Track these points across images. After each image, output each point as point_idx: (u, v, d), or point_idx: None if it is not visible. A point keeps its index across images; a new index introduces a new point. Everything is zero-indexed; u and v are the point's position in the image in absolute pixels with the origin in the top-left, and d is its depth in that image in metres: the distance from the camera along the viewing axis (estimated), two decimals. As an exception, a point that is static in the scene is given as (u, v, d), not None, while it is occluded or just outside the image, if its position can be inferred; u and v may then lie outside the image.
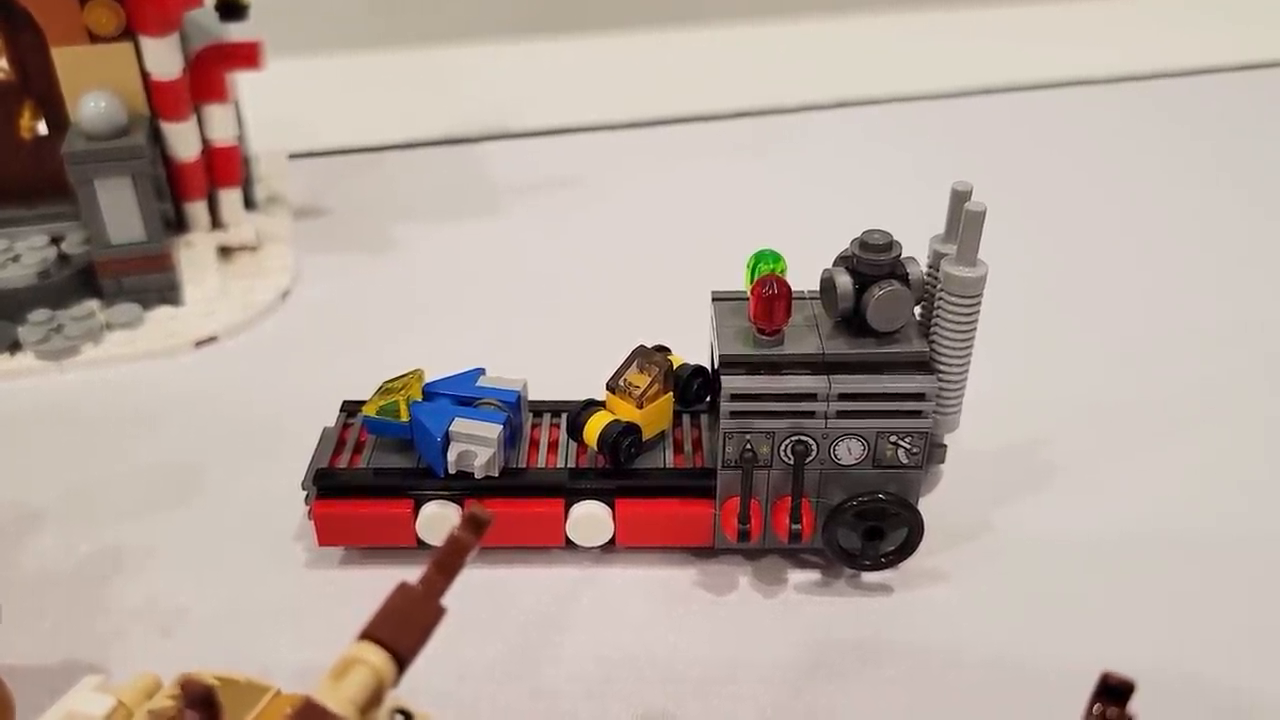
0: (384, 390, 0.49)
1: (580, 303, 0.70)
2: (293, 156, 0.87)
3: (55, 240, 0.67)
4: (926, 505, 0.48)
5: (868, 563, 0.47)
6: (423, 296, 0.71)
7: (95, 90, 0.62)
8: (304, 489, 0.50)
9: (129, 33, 0.62)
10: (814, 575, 0.49)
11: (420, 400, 0.49)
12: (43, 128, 0.65)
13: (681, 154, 0.91)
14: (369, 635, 0.30)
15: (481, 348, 0.61)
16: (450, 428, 0.47)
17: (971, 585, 0.48)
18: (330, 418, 0.54)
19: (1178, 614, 0.47)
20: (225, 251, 0.71)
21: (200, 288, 0.68)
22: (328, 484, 0.48)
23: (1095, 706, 0.29)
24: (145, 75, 0.64)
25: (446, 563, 0.31)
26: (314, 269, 0.73)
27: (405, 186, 0.86)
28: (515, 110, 0.98)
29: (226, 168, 0.70)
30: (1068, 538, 0.51)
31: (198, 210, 0.70)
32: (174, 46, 0.64)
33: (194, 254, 0.69)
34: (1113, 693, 0.28)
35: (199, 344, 0.65)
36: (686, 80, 1.05)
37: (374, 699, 0.29)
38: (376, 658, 0.29)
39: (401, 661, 0.29)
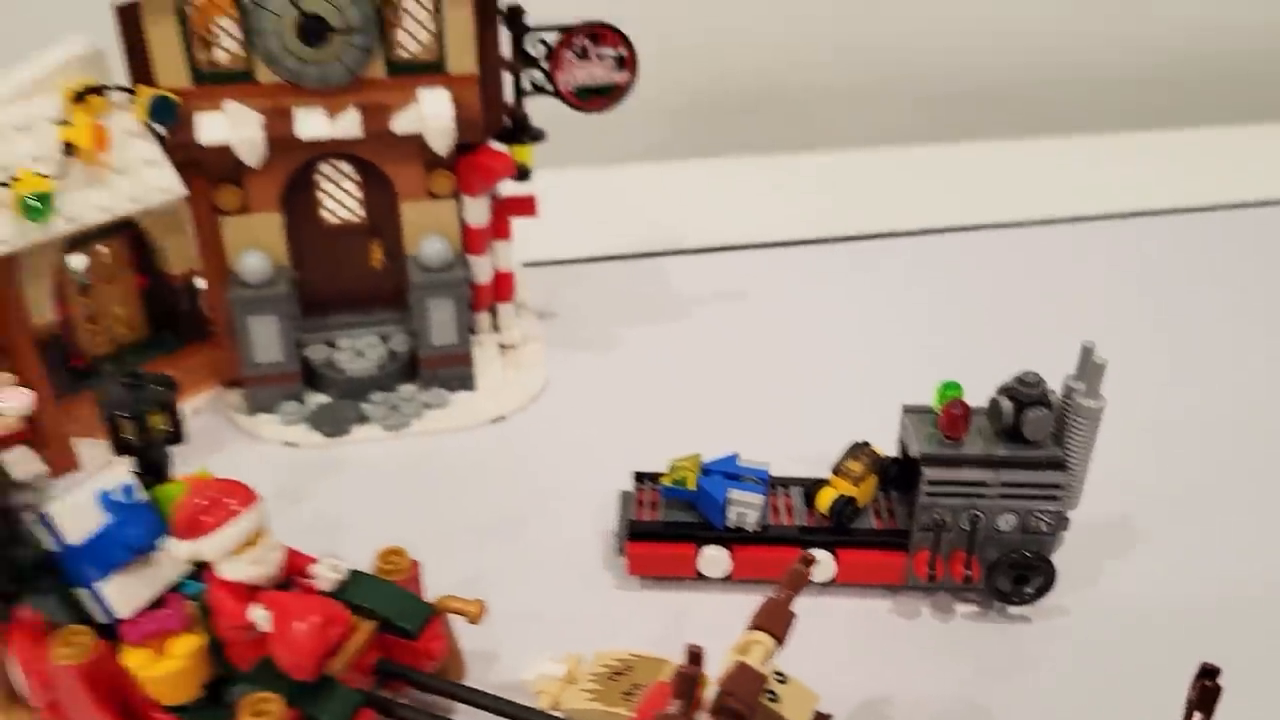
0: (675, 467, 0.71)
1: (781, 399, 0.91)
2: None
3: (384, 339, 0.90)
4: (1057, 559, 0.68)
5: (1015, 600, 0.68)
6: (646, 388, 0.93)
7: (430, 234, 0.85)
8: (616, 533, 0.72)
9: (456, 193, 0.85)
10: (974, 607, 0.70)
11: (701, 475, 0.70)
12: (384, 258, 0.88)
13: (853, 270, 1.12)
14: (758, 626, 0.51)
15: (700, 432, 0.81)
16: (727, 494, 0.68)
17: (1084, 617, 0.69)
18: (596, 478, 0.77)
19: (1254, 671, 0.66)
20: (501, 348, 0.94)
21: (487, 377, 0.90)
22: (636, 530, 0.70)
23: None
24: (463, 223, 0.87)
25: (793, 584, 0.53)
26: (559, 362, 0.95)
27: (617, 294, 1.07)
28: (704, 226, 1.20)
29: (505, 287, 0.93)
30: (1159, 594, 0.71)
31: (483, 317, 0.93)
32: (485, 203, 0.87)
33: (482, 351, 0.91)
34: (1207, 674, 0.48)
35: (493, 421, 0.88)
36: (870, 199, 1.28)
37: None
38: (766, 639, 0.50)
39: (779, 642, 0.50)
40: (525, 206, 0.91)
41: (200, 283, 0.86)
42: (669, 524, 0.70)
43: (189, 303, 0.85)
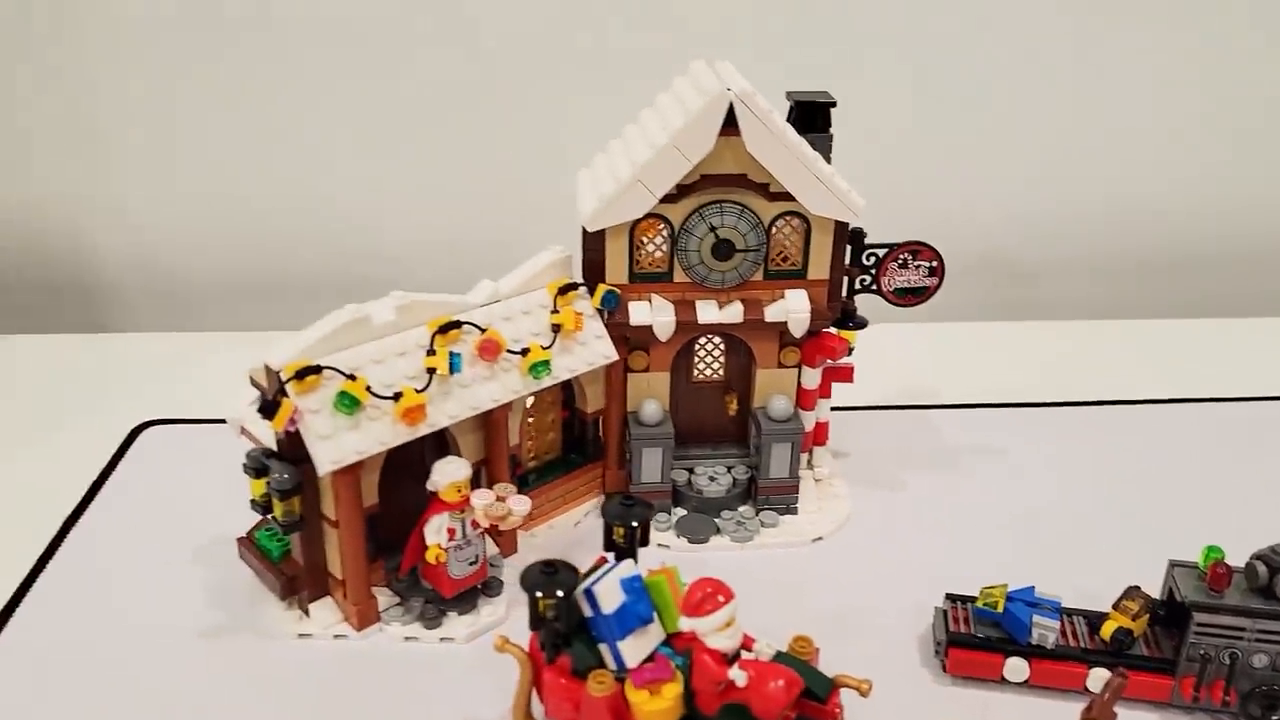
0: (985, 593, 0.93)
1: (1055, 541, 1.11)
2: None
3: (729, 468, 1.16)
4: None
5: (1263, 724, 0.87)
6: (931, 522, 1.14)
7: (776, 393, 1.12)
8: (935, 639, 0.94)
9: (799, 364, 1.12)
10: (1227, 726, 0.89)
11: (1007, 601, 0.92)
12: (734, 406, 1.15)
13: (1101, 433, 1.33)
14: (1091, 717, 0.72)
15: (982, 564, 1.02)
16: (1031, 619, 0.90)
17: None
18: (901, 594, 1.00)
19: None
20: (815, 481, 1.18)
21: (806, 504, 1.15)
22: (956, 639, 0.92)
23: None
24: (799, 385, 1.13)
25: (1115, 690, 0.74)
26: (859, 497, 1.18)
27: (895, 440, 1.30)
28: (971, 383, 1.44)
29: (822, 433, 1.18)
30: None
31: (802, 456, 1.18)
32: (818, 371, 1.13)
33: (802, 483, 1.16)
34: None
35: (813, 540, 1.12)
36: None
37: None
38: (1099, 727, 0.71)
39: (1108, 731, 0.72)
40: (845, 375, 1.16)
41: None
42: (984, 638, 0.92)
43: (593, 432, 1.13)
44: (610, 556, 0.86)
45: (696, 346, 1.13)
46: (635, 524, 0.86)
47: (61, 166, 1.62)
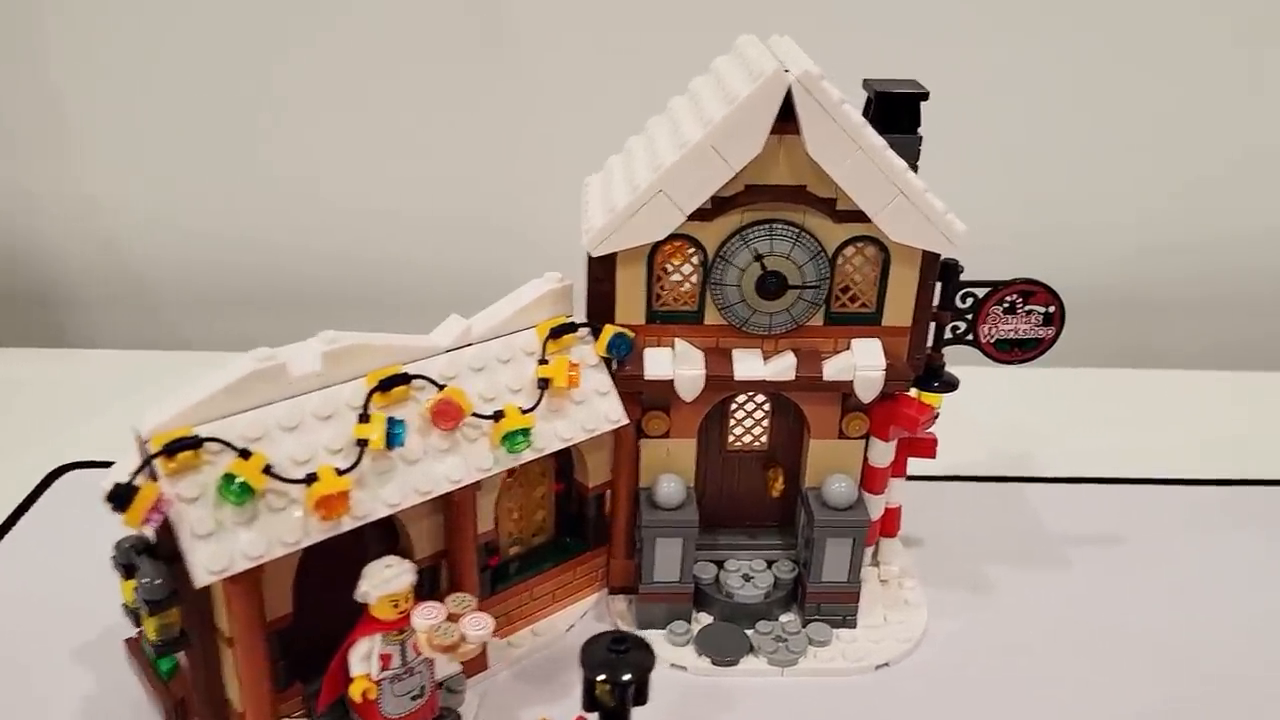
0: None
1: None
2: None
3: (769, 564, 0.90)
4: None
5: None
6: (1030, 636, 0.88)
7: (834, 473, 0.86)
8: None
9: (867, 435, 0.86)
10: None
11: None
12: (780, 485, 0.89)
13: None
14: None
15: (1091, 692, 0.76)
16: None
17: None
18: None
19: None
20: (882, 582, 0.92)
21: (868, 616, 0.89)
22: None
23: None
24: (866, 462, 0.87)
25: None
26: (936, 602, 0.92)
27: (983, 518, 1.04)
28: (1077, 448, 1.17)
29: (892, 522, 0.92)
30: None
31: (866, 551, 0.92)
32: (892, 445, 0.87)
33: (864, 586, 0.90)
34: None
35: (876, 668, 0.86)
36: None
37: None
38: None
39: None
40: (926, 448, 0.89)
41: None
42: None
43: (596, 511, 0.89)
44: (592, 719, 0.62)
45: (733, 407, 0.87)
46: (628, 678, 0.61)
47: None
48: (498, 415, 0.73)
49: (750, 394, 0.86)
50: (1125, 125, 1.36)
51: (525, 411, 0.74)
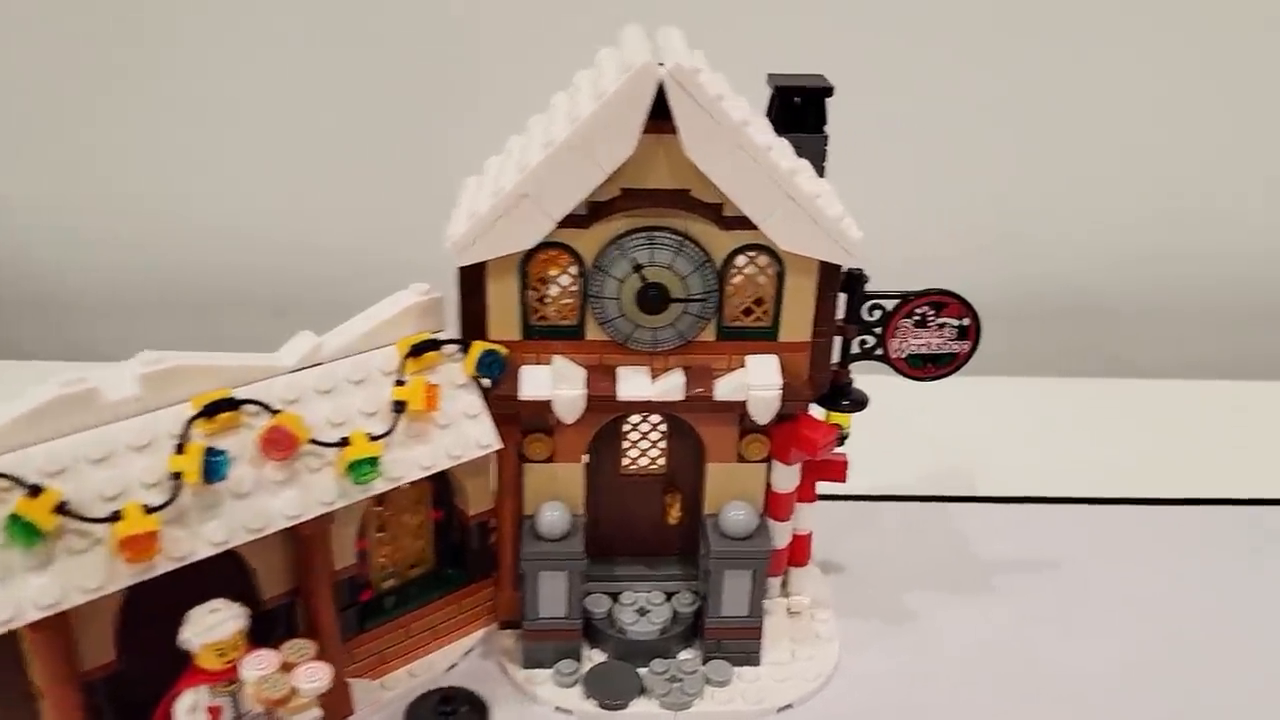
0: None
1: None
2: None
3: (668, 596, 0.84)
4: None
5: None
6: (954, 671, 0.82)
7: (734, 500, 0.79)
8: None
9: (769, 458, 0.79)
10: None
11: None
12: (677, 512, 0.83)
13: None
14: None
15: None
16: None
17: None
18: None
19: None
20: (789, 613, 0.86)
21: (774, 651, 0.82)
22: None
23: None
24: (769, 487, 0.81)
25: None
26: (851, 635, 0.85)
27: (909, 541, 0.98)
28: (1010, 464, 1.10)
29: (801, 551, 0.86)
30: None
31: (773, 582, 0.86)
32: (796, 469, 0.80)
33: (769, 620, 0.84)
34: None
35: (779, 710, 0.79)
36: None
37: None
38: None
39: None
40: (836, 471, 0.83)
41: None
42: None
43: (479, 541, 0.82)
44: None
45: (627, 428, 0.81)
46: (460, 741, 0.55)
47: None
48: (342, 443, 0.66)
49: (644, 414, 0.80)
50: (1087, 136, 1.31)
51: (375, 438, 0.67)
